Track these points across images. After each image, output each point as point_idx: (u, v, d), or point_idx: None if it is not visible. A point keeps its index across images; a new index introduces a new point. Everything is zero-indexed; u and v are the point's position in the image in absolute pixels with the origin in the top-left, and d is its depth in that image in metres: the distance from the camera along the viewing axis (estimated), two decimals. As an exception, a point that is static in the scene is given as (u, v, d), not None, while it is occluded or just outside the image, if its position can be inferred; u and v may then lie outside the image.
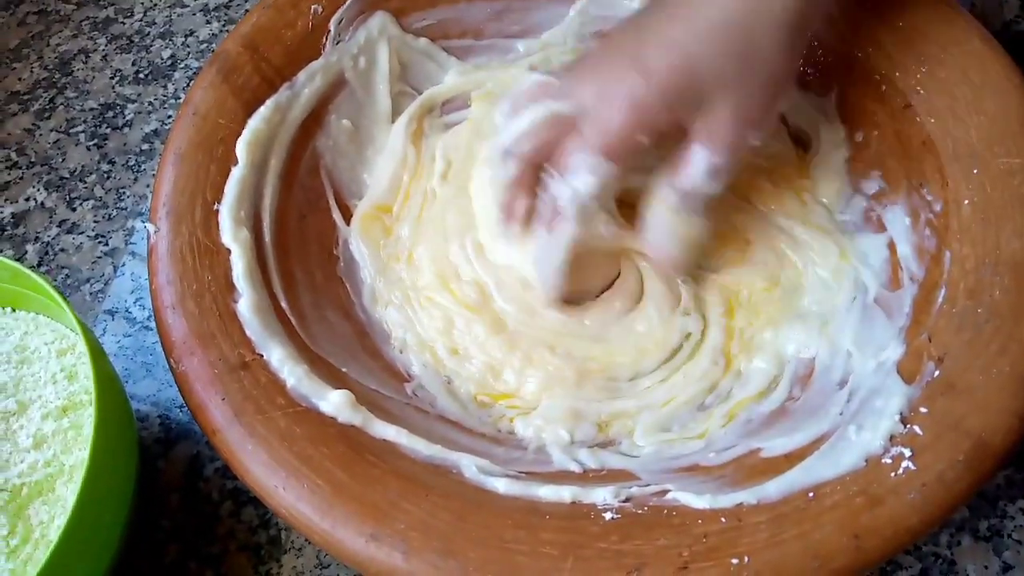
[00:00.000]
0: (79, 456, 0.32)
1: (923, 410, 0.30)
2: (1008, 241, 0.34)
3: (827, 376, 0.35)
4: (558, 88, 0.36)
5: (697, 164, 0.35)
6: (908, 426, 0.30)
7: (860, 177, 0.41)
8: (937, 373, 0.31)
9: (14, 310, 0.37)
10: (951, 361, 0.31)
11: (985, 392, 0.30)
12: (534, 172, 0.37)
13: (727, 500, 0.29)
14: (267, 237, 0.38)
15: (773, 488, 0.30)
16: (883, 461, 0.29)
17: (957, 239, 0.35)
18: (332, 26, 0.43)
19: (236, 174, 0.38)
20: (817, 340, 0.37)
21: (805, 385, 0.36)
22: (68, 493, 0.31)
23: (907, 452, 0.29)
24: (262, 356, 0.33)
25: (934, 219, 0.36)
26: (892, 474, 0.29)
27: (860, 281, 0.38)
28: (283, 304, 0.36)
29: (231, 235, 0.36)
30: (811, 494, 0.29)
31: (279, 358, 0.33)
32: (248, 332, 0.34)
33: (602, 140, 0.34)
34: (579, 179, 0.35)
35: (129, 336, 0.43)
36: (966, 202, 0.36)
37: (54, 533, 0.29)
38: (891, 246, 0.38)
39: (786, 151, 0.43)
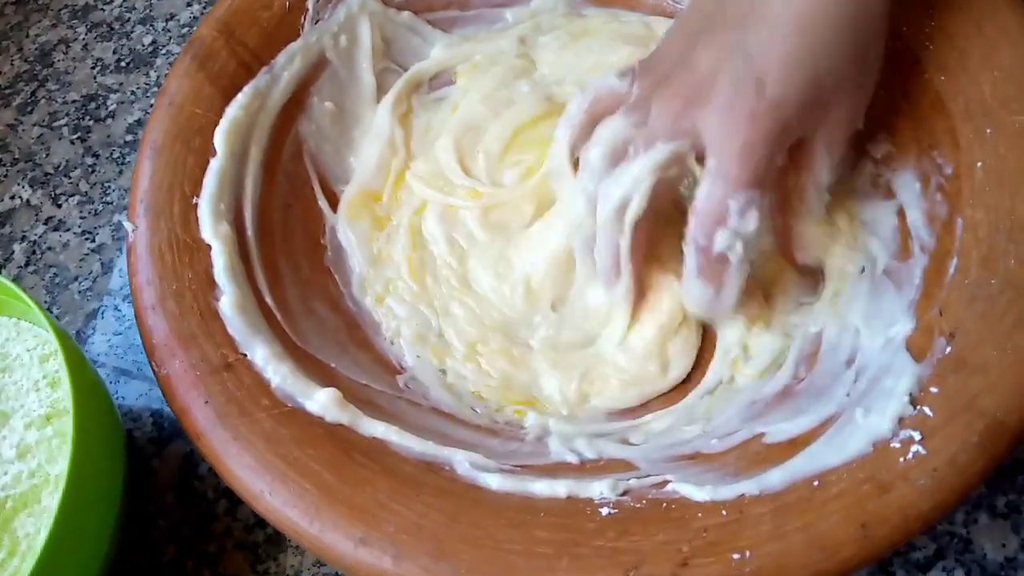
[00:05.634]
0: (65, 465, 0.31)
1: (933, 390, 0.29)
2: (1024, 205, 0.32)
3: (834, 354, 0.34)
4: (646, 104, 0.33)
5: (820, 166, 0.34)
6: (918, 407, 0.28)
7: (866, 139, 0.39)
8: (948, 350, 0.30)
9: (-5, 316, 0.36)
10: (963, 336, 0.30)
11: (1000, 369, 0.28)
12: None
13: (729, 491, 0.28)
14: (250, 229, 0.37)
15: (776, 477, 0.28)
16: (891, 446, 0.28)
17: (970, 204, 0.33)
18: (310, 5, 0.42)
19: (215, 165, 0.37)
20: (826, 313, 0.35)
21: (811, 364, 0.34)
22: (54, 503, 0.30)
23: (916, 436, 0.28)
24: (246, 356, 0.32)
25: (945, 183, 0.34)
26: (901, 459, 0.27)
27: (869, 251, 0.36)
28: (268, 299, 0.35)
29: (211, 230, 0.35)
30: (816, 482, 0.28)
31: (263, 357, 0.32)
32: (231, 331, 0.33)
33: (745, 173, 0.31)
34: (738, 221, 0.32)
35: (119, 335, 0.42)
36: (979, 164, 0.34)
37: (41, 545, 0.29)
38: (900, 213, 0.36)
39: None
